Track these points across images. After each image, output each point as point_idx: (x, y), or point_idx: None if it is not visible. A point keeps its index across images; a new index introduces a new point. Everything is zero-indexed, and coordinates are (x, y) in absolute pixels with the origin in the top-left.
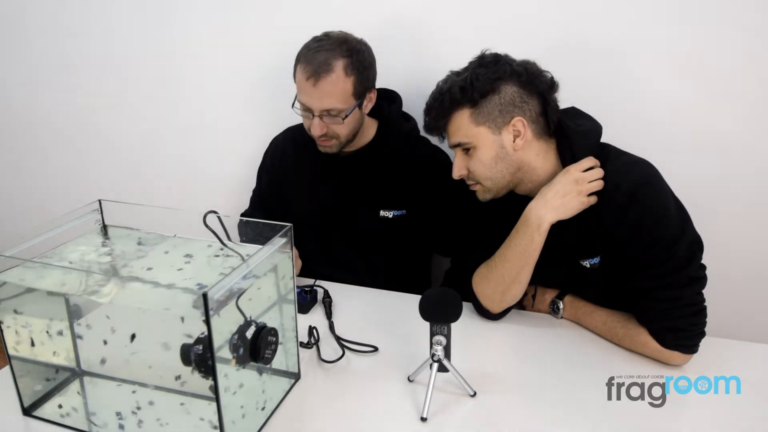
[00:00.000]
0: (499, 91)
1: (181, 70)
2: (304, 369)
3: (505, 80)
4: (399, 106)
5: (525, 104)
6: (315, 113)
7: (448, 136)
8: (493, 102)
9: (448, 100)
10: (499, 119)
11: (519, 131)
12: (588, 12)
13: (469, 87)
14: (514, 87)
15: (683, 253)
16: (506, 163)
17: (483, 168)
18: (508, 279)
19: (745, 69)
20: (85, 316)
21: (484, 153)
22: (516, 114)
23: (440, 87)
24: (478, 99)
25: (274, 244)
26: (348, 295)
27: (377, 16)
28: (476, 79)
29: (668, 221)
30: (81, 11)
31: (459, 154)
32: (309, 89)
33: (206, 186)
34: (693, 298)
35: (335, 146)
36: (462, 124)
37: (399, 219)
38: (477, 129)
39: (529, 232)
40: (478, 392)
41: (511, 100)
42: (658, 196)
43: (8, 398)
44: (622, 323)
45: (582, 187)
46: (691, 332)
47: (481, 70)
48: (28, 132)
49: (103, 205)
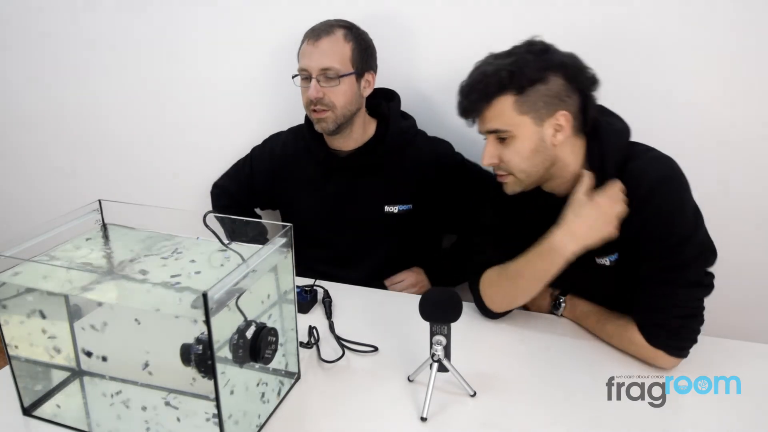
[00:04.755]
0: (546, 82)
1: (181, 70)
2: (304, 369)
3: (553, 71)
4: (398, 104)
5: (569, 98)
6: (313, 74)
7: (482, 120)
8: (540, 92)
9: (495, 83)
10: (543, 110)
11: (561, 125)
12: (588, 12)
13: (517, 72)
14: (560, 79)
15: (690, 253)
16: (543, 156)
17: (519, 159)
18: (518, 293)
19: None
20: (85, 316)
21: (523, 144)
22: (560, 107)
23: (483, 69)
24: (526, 86)
25: (274, 244)
26: (348, 295)
27: (376, 17)
28: (525, 66)
29: (682, 219)
30: (81, 12)
31: (492, 142)
32: (309, 50)
33: (206, 186)
34: (689, 300)
35: (331, 121)
36: (504, 110)
37: (405, 213)
38: (519, 118)
39: (551, 257)
40: (478, 392)
41: (557, 92)
42: (678, 193)
43: (8, 398)
44: (613, 320)
45: (609, 215)
46: (680, 335)
47: (530, 57)
48: (28, 132)
49: (103, 205)
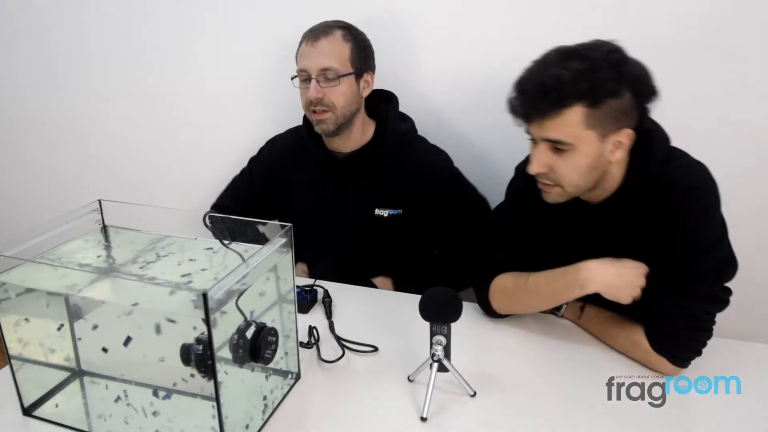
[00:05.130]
0: (620, 96)
1: (179, 70)
2: (304, 369)
3: (626, 85)
4: (396, 106)
5: (633, 114)
6: (312, 75)
7: (543, 127)
8: (611, 107)
9: (572, 93)
10: (609, 126)
11: (622, 143)
12: (588, 12)
13: (598, 85)
14: (630, 94)
15: (709, 267)
16: (598, 172)
17: (574, 173)
18: (529, 306)
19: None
20: (85, 316)
21: (581, 159)
22: (626, 124)
23: (556, 73)
24: (601, 100)
25: (274, 244)
26: (348, 295)
27: (374, 18)
28: (605, 78)
29: (707, 231)
30: (81, 12)
31: (544, 149)
32: (308, 51)
33: (206, 186)
34: (701, 314)
35: (331, 122)
36: (572, 121)
37: (395, 218)
38: (585, 132)
39: (573, 285)
40: (478, 392)
41: (625, 108)
42: (706, 204)
43: (8, 398)
44: (617, 323)
45: (634, 286)
46: (685, 345)
47: (607, 66)
48: (28, 132)
49: (103, 205)
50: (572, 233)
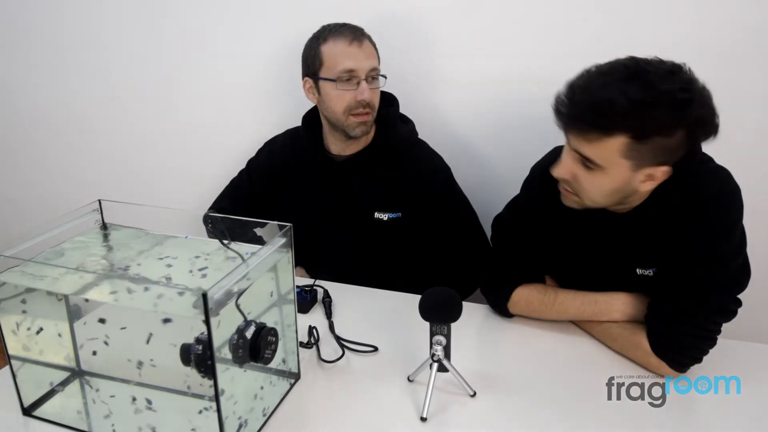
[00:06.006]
0: (671, 136)
1: (180, 70)
2: (304, 369)
3: (683, 127)
4: (396, 108)
5: (680, 150)
6: (362, 76)
7: (579, 141)
8: (657, 144)
9: (620, 123)
10: (648, 160)
11: (655, 177)
12: (589, 12)
13: (651, 121)
14: (684, 133)
15: (723, 279)
16: (621, 194)
17: (595, 191)
18: (551, 319)
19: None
20: (85, 316)
21: (607, 182)
22: (667, 162)
23: (611, 96)
24: (651, 137)
25: (273, 244)
26: (348, 295)
27: (375, 19)
28: (663, 117)
29: (725, 242)
30: (81, 12)
31: (573, 158)
32: (355, 51)
33: (205, 186)
34: (707, 323)
35: (370, 123)
36: (611, 148)
37: (394, 221)
38: (620, 160)
39: (600, 315)
40: (478, 392)
41: (672, 146)
42: (727, 213)
43: (8, 398)
44: (619, 324)
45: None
46: (687, 352)
47: (667, 103)
48: (29, 132)
49: (103, 205)
50: (587, 237)
